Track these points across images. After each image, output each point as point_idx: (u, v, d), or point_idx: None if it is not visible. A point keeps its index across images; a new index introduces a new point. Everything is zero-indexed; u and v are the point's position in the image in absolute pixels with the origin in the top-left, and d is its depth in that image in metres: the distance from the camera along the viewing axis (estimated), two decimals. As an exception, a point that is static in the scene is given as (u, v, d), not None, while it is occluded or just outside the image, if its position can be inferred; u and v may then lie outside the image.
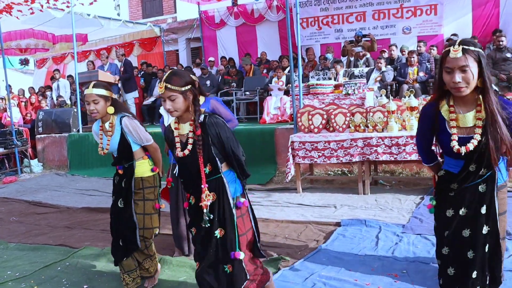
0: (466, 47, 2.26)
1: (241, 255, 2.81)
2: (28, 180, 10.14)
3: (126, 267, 3.81)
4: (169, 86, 2.68)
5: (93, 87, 3.58)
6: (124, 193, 3.78)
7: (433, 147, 2.70)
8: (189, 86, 2.75)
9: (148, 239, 3.84)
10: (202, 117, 2.79)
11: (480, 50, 2.29)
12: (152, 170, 3.84)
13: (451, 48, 2.28)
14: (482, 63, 2.27)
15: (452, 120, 2.39)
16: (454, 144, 2.37)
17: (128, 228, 3.76)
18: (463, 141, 2.38)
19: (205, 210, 2.77)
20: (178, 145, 2.84)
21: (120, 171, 3.79)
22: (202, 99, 3.72)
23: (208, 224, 2.80)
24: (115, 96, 3.75)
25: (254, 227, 2.96)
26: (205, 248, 2.84)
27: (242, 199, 2.88)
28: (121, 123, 3.67)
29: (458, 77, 2.26)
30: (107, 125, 3.72)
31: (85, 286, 4.04)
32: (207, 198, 2.76)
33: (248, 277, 2.87)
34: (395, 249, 4.37)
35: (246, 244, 2.88)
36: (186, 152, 2.78)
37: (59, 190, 8.79)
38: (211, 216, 2.80)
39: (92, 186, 8.79)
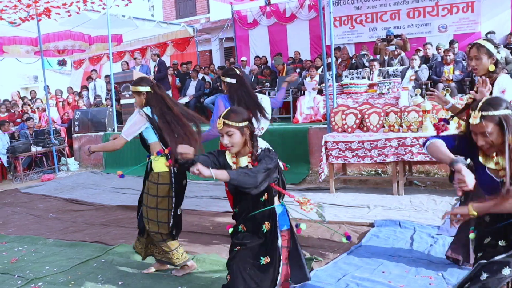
0: (485, 113, 2.26)
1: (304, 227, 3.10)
2: (65, 178, 10.37)
3: (136, 245, 4.33)
4: (227, 122, 2.80)
5: (132, 85, 4.04)
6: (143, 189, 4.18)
7: None
8: (246, 123, 2.86)
9: (156, 232, 4.04)
10: (259, 151, 2.90)
11: (503, 112, 2.25)
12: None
13: (472, 113, 2.32)
14: (505, 126, 2.24)
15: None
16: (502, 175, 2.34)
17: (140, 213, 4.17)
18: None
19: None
20: None
21: (147, 159, 4.13)
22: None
23: None
24: (148, 89, 4.00)
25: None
26: (244, 268, 2.84)
27: (301, 226, 3.13)
28: None
29: (480, 140, 2.32)
30: None
31: (119, 283, 4.11)
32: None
33: None
34: (430, 250, 4.31)
35: (283, 275, 2.94)
36: None
37: (95, 188, 8.97)
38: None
39: (127, 184, 8.91)
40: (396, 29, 11.31)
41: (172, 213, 4.04)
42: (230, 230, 3.08)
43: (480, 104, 2.29)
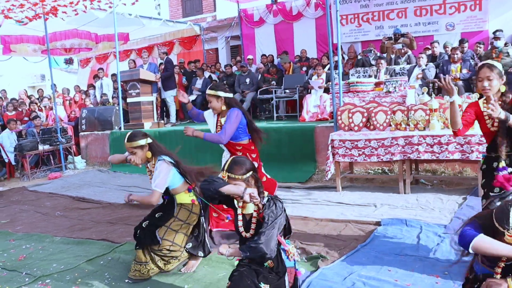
0: None
1: (303, 271, 3.04)
2: (72, 176, 10.41)
3: (137, 257, 4.14)
4: (232, 175, 2.82)
5: (127, 141, 4.02)
6: (165, 213, 4.19)
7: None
8: (250, 173, 2.87)
9: (164, 254, 4.09)
10: (265, 199, 2.88)
11: None
12: (192, 201, 4.19)
13: (506, 232, 2.30)
14: None
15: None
16: (498, 272, 2.40)
17: (149, 232, 4.11)
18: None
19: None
20: (240, 223, 2.96)
21: (165, 200, 4.26)
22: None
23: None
24: (149, 140, 4.12)
25: None
26: (246, 278, 2.84)
27: (300, 270, 3.04)
28: None
29: None
30: (150, 165, 4.20)
31: (126, 280, 4.13)
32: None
33: None
34: (436, 249, 4.29)
35: None
36: (248, 235, 2.91)
37: (102, 186, 8.99)
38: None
39: (133, 182, 8.94)
40: (403, 27, 11.28)
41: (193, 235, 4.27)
42: (236, 262, 3.11)
43: None
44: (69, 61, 18.48)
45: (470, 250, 2.41)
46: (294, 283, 3.01)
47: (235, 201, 2.99)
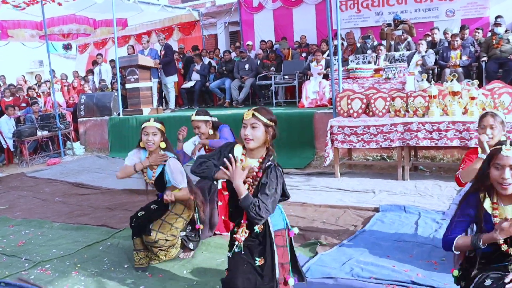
0: None
1: (291, 281, 2.86)
2: (70, 162, 10.41)
3: (136, 245, 4.12)
4: (256, 114, 2.79)
5: (154, 121, 4.08)
6: (160, 206, 4.20)
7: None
8: (273, 124, 2.85)
9: (161, 245, 4.08)
10: (269, 163, 2.81)
11: None
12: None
13: (504, 146, 2.33)
14: None
15: (495, 216, 2.43)
16: (502, 243, 2.39)
17: (144, 222, 4.11)
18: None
19: (236, 243, 2.80)
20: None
21: (158, 197, 4.29)
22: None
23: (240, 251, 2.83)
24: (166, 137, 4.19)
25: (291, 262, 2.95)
26: (242, 264, 2.81)
27: (293, 230, 2.95)
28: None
29: (508, 174, 2.32)
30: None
31: (125, 266, 4.15)
32: (243, 234, 2.80)
33: None
34: (434, 236, 4.31)
35: (281, 275, 2.87)
36: (247, 187, 2.78)
37: (100, 172, 8.99)
38: (241, 250, 2.83)
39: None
40: (402, 14, 11.21)
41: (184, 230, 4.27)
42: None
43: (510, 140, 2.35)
44: (67, 47, 18.36)
45: (456, 252, 2.52)
46: (290, 244, 2.94)
47: (237, 151, 2.89)
